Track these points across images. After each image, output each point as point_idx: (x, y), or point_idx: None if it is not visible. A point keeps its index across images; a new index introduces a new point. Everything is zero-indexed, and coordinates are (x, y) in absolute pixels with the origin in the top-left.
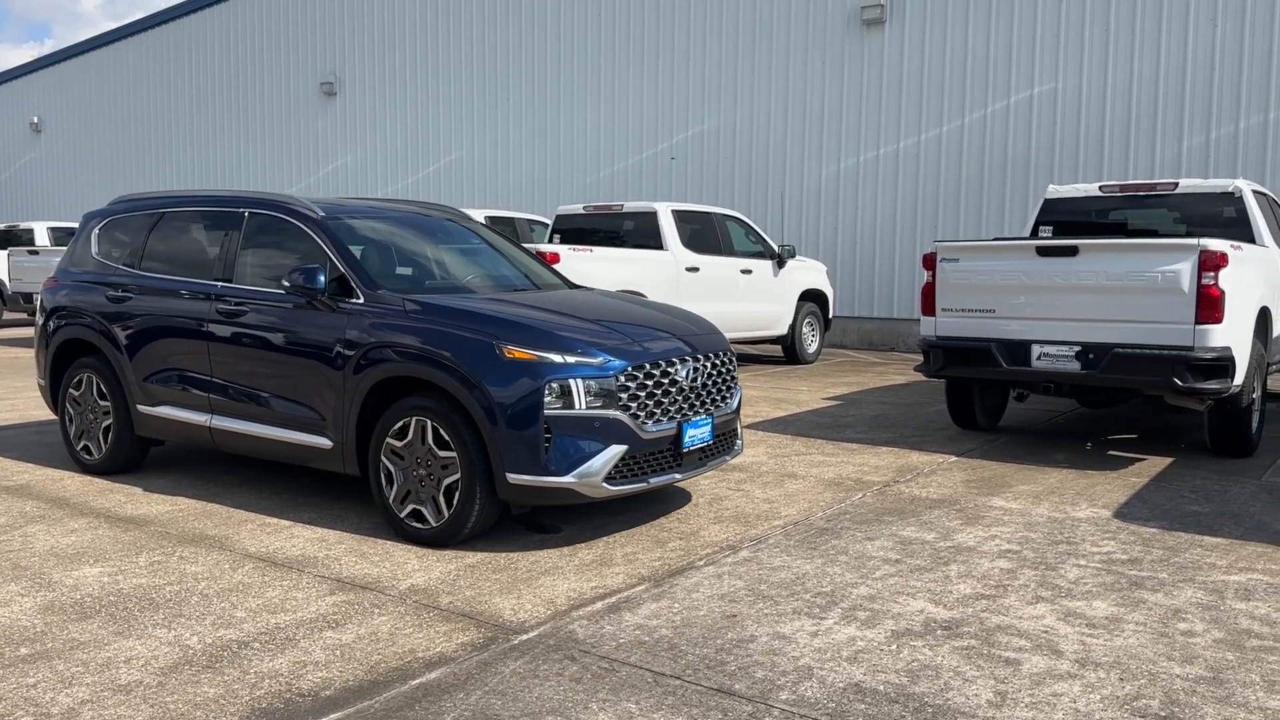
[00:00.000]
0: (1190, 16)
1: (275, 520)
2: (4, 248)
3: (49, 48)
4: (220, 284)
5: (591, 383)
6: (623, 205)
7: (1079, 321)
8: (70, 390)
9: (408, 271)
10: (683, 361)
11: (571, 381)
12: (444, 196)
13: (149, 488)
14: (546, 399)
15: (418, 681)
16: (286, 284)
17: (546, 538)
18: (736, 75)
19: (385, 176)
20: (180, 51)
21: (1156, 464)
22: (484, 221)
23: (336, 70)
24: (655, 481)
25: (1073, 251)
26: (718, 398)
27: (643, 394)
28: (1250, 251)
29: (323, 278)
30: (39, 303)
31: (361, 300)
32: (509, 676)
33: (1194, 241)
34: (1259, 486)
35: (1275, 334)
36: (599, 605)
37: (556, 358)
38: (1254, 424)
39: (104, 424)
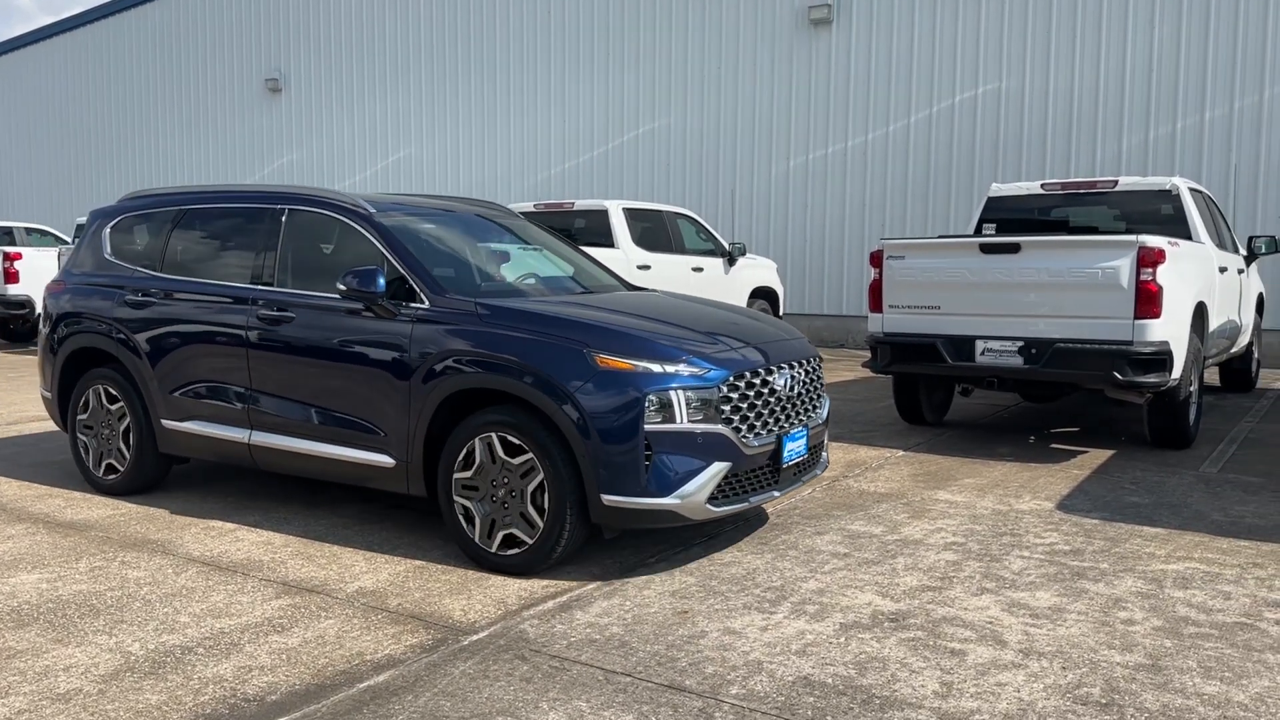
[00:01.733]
0: (1129, 19)
1: (220, 524)
2: None
3: None
4: (261, 288)
5: (692, 394)
6: (574, 203)
7: (1021, 317)
8: (83, 404)
9: (467, 272)
10: (779, 369)
11: (672, 393)
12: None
13: (90, 491)
14: (646, 413)
15: (366, 684)
16: (342, 287)
17: None
18: (686, 73)
19: (332, 174)
20: (121, 48)
21: (1098, 456)
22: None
23: (282, 66)
24: (755, 500)
25: (1015, 249)
26: (809, 407)
27: (744, 405)
28: (1187, 248)
29: (382, 280)
30: (42, 308)
31: (427, 304)
32: (459, 678)
33: (1133, 238)
34: (1196, 477)
35: (1211, 328)
36: (550, 604)
37: (655, 367)
38: (1191, 416)
39: (122, 441)
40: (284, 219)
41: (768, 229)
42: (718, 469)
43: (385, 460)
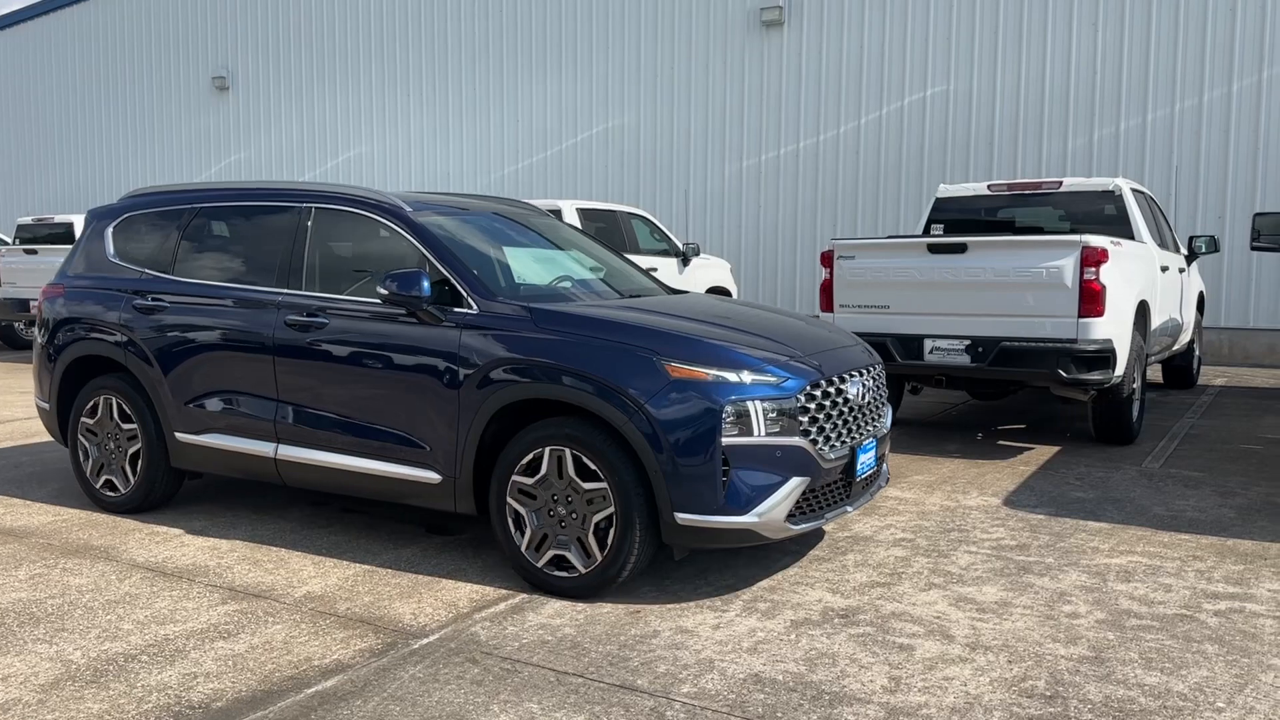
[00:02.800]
0: (1073, 21)
1: (164, 529)
2: None
3: None
4: (289, 292)
5: (770, 404)
6: (528, 203)
7: (969, 316)
8: (85, 416)
9: (510, 274)
10: (851, 377)
11: (749, 404)
12: None
13: (31, 498)
14: (723, 425)
15: (314, 690)
16: (383, 291)
17: (448, 540)
18: (640, 74)
19: (281, 173)
20: (61, 46)
21: (1044, 453)
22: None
23: (229, 64)
24: (829, 517)
25: (961, 249)
26: (875, 416)
27: (821, 416)
28: (1130, 247)
29: (427, 283)
30: (38, 313)
31: (475, 309)
32: (408, 682)
33: (1076, 238)
34: (1139, 473)
35: (1154, 327)
36: (502, 606)
37: (731, 376)
38: (1135, 413)
39: (130, 455)
40: (311, 218)
41: (721, 229)
42: (796, 484)
43: (430, 476)
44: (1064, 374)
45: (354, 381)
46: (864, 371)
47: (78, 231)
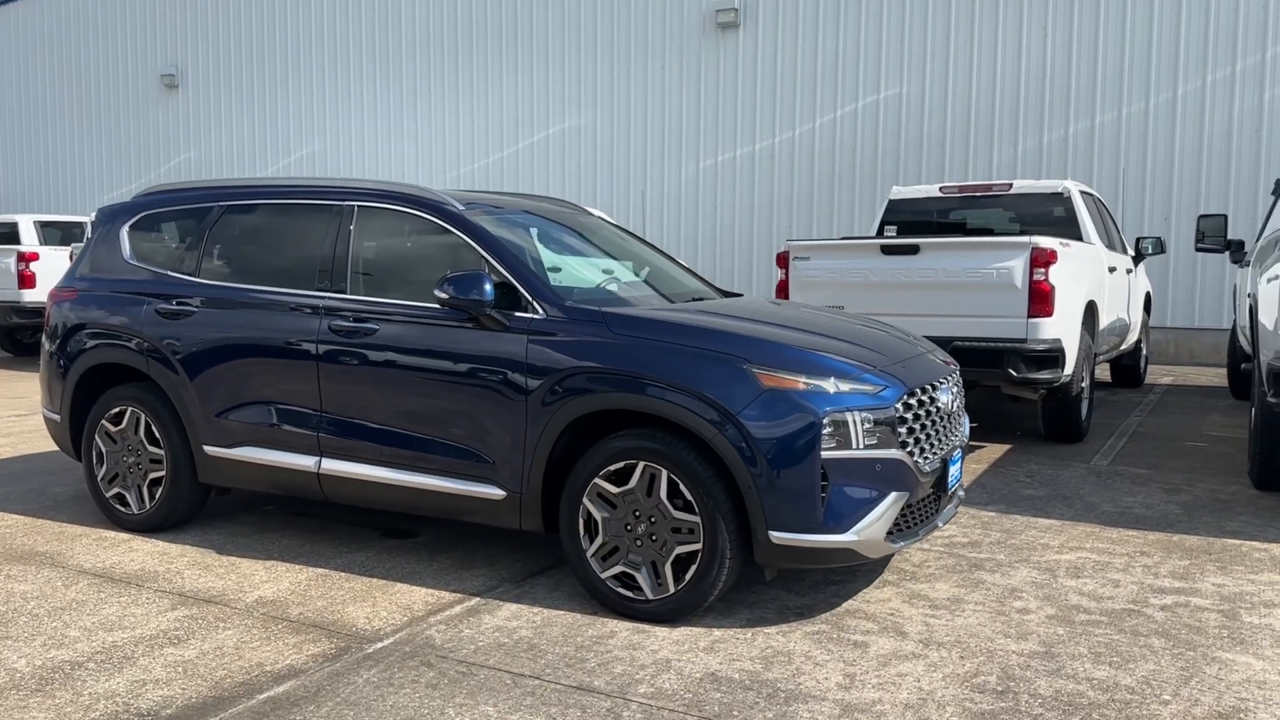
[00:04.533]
0: (1024, 26)
1: (112, 534)
2: None
3: None
4: (332, 295)
5: (868, 415)
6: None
7: (921, 316)
8: (104, 427)
9: (573, 277)
10: (940, 384)
11: (848, 415)
12: None
13: None
14: (822, 437)
15: (265, 695)
16: (442, 295)
17: (404, 543)
18: (596, 74)
19: (233, 171)
20: (6, 41)
21: (995, 451)
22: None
23: (178, 61)
24: (922, 533)
25: (914, 250)
26: (959, 426)
27: (916, 426)
28: (1078, 249)
29: (490, 287)
30: (46, 318)
31: (541, 314)
32: (362, 686)
33: (1026, 239)
34: (1088, 470)
35: (1102, 326)
36: (458, 609)
37: (828, 385)
38: (1084, 411)
39: (153, 470)
40: (354, 217)
41: (678, 229)
42: (895, 499)
43: (493, 492)
44: (1014, 373)
45: (407, 391)
46: (949, 378)
47: (22, 231)
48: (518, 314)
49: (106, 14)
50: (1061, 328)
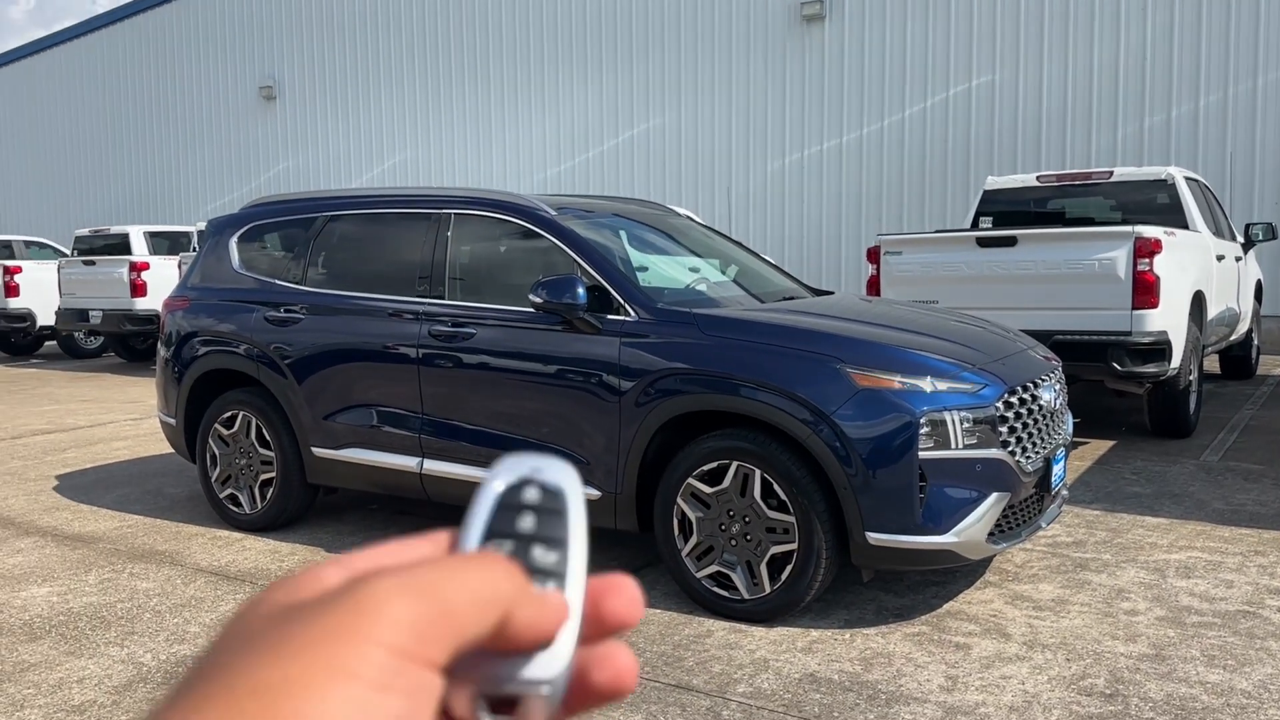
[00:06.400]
0: (1122, 7)
1: (226, 533)
2: None
3: None
4: (431, 301)
5: (967, 414)
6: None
7: (1019, 310)
8: (217, 430)
9: (663, 279)
10: (1042, 382)
11: (946, 415)
12: None
13: (96, 504)
14: (919, 437)
15: None
16: (536, 300)
17: None
18: (680, 73)
19: (328, 180)
20: (114, 59)
21: (1099, 447)
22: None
23: (276, 74)
24: (1025, 535)
25: (1011, 242)
26: (1062, 424)
27: (1018, 425)
28: (1184, 237)
29: (583, 290)
30: (160, 326)
31: (633, 317)
32: None
33: (1129, 229)
34: (1197, 466)
35: (1210, 317)
36: None
37: (924, 384)
38: (1192, 405)
39: (264, 471)
40: (450, 224)
41: (765, 226)
42: (996, 500)
43: (589, 492)
44: (1118, 367)
45: (504, 394)
46: (1051, 375)
47: (133, 242)
48: (610, 317)
49: (209, 30)
50: (1167, 319)
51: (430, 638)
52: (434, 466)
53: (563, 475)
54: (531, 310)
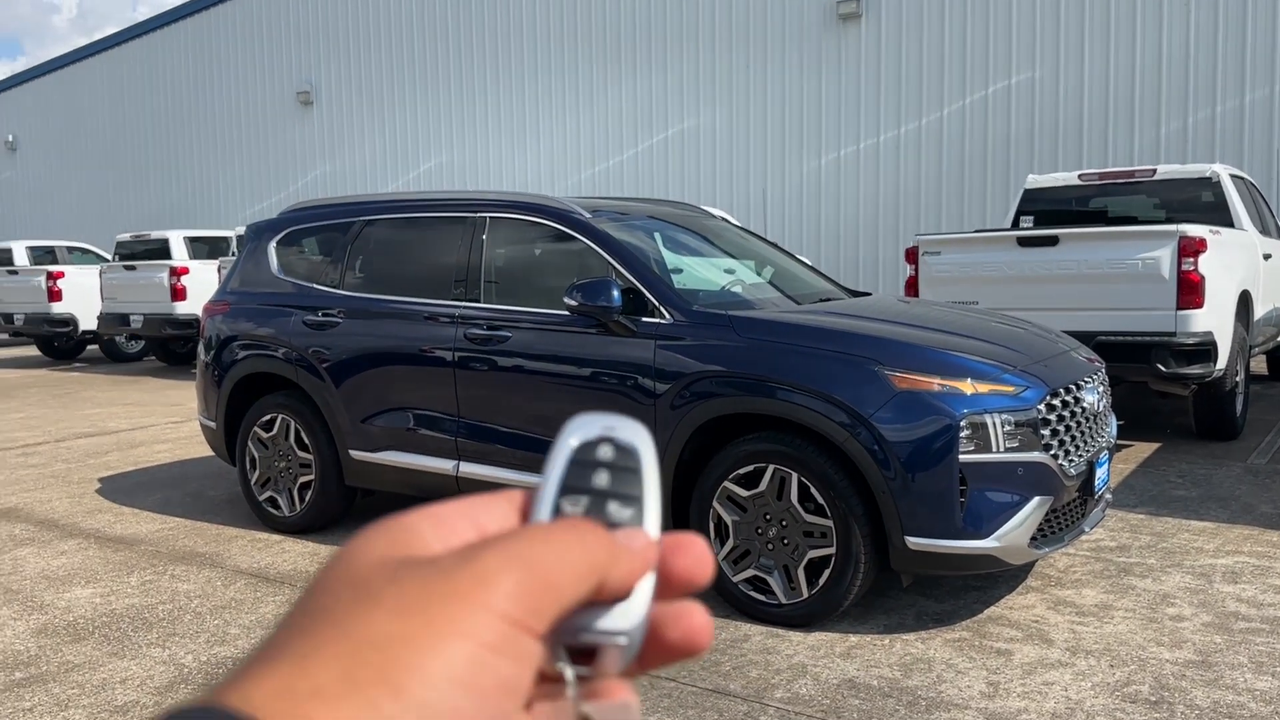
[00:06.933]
0: (1164, 2)
1: (265, 535)
2: None
3: (21, 65)
4: (466, 304)
5: (1009, 416)
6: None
7: (1061, 311)
8: (256, 433)
9: (699, 281)
10: (1085, 383)
11: (987, 417)
12: None
13: (138, 506)
14: (959, 440)
15: None
16: (571, 303)
17: None
18: (715, 73)
19: (365, 185)
20: (154, 65)
21: (1143, 450)
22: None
23: (313, 78)
24: (1068, 539)
25: (1053, 241)
26: (1105, 427)
27: (1061, 428)
28: (1229, 236)
29: (618, 293)
30: (200, 330)
31: (669, 319)
32: None
33: (1173, 228)
34: (1244, 469)
35: (1257, 317)
36: None
37: (964, 386)
38: (1238, 407)
39: (302, 474)
40: (486, 228)
41: (800, 226)
42: (1039, 503)
43: None
44: (1163, 368)
45: (539, 396)
46: (1094, 377)
47: (173, 247)
48: (645, 319)
49: (246, 36)
50: (1213, 319)
51: (536, 609)
52: (470, 469)
53: (637, 433)
54: (566, 313)
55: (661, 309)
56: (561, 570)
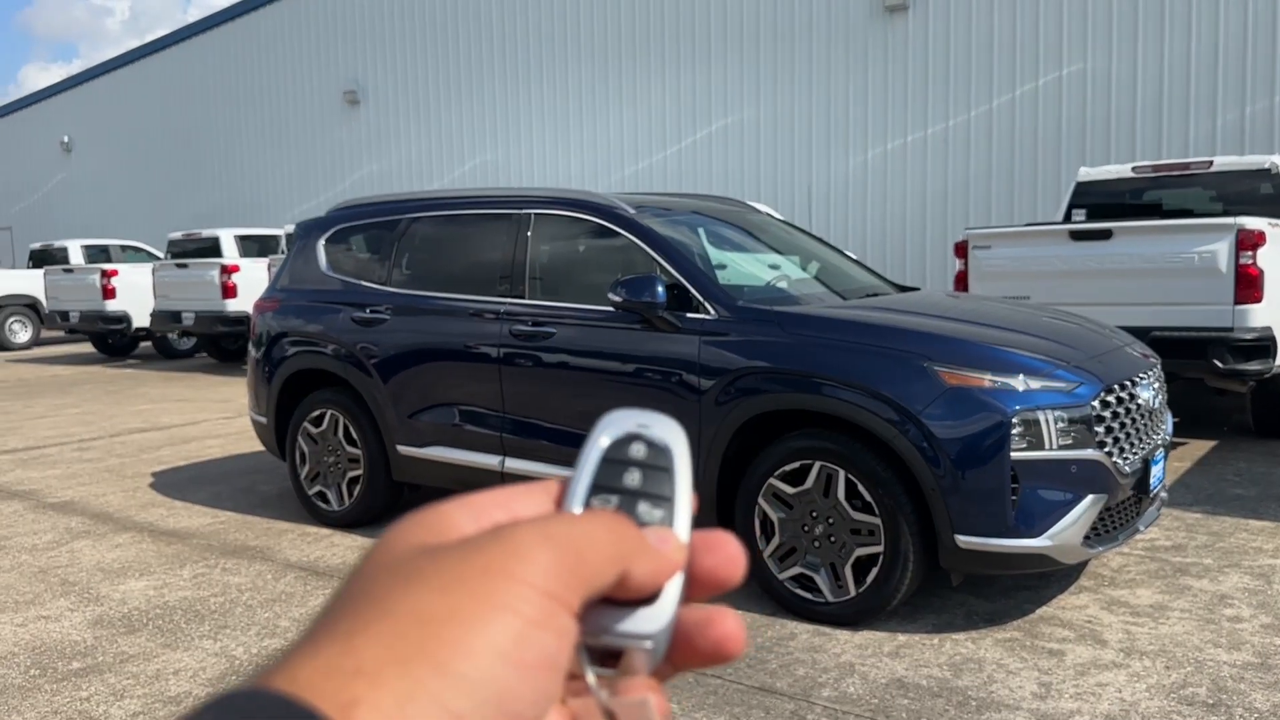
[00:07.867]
0: None
1: (315, 529)
2: (39, 267)
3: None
4: (512, 301)
5: (1062, 413)
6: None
7: (1115, 306)
8: (306, 429)
9: (744, 277)
10: (1140, 380)
11: (1039, 414)
12: None
13: (190, 500)
14: (1011, 437)
15: None
16: (615, 299)
17: None
18: (759, 68)
19: (411, 183)
20: (205, 67)
21: (1199, 448)
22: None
23: (359, 79)
24: (1122, 538)
25: (1106, 235)
26: (1161, 424)
27: (1115, 425)
28: None
29: (662, 289)
30: (251, 328)
31: (713, 315)
32: None
33: (1231, 221)
34: None
35: None
36: None
37: (1016, 383)
38: None
39: (351, 469)
40: (531, 224)
41: (846, 221)
42: (1092, 502)
43: None
44: (1220, 364)
45: (584, 393)
46: (1149, 373)
47: (224, 245)
48: (689, 315)
49: (294, 36)
50: (1272, 314)
51: (569, 584)
52: (515, 465)
53: (670, 432)
54: (611, 309)
55: (706, 305)
56: (592, 549)
